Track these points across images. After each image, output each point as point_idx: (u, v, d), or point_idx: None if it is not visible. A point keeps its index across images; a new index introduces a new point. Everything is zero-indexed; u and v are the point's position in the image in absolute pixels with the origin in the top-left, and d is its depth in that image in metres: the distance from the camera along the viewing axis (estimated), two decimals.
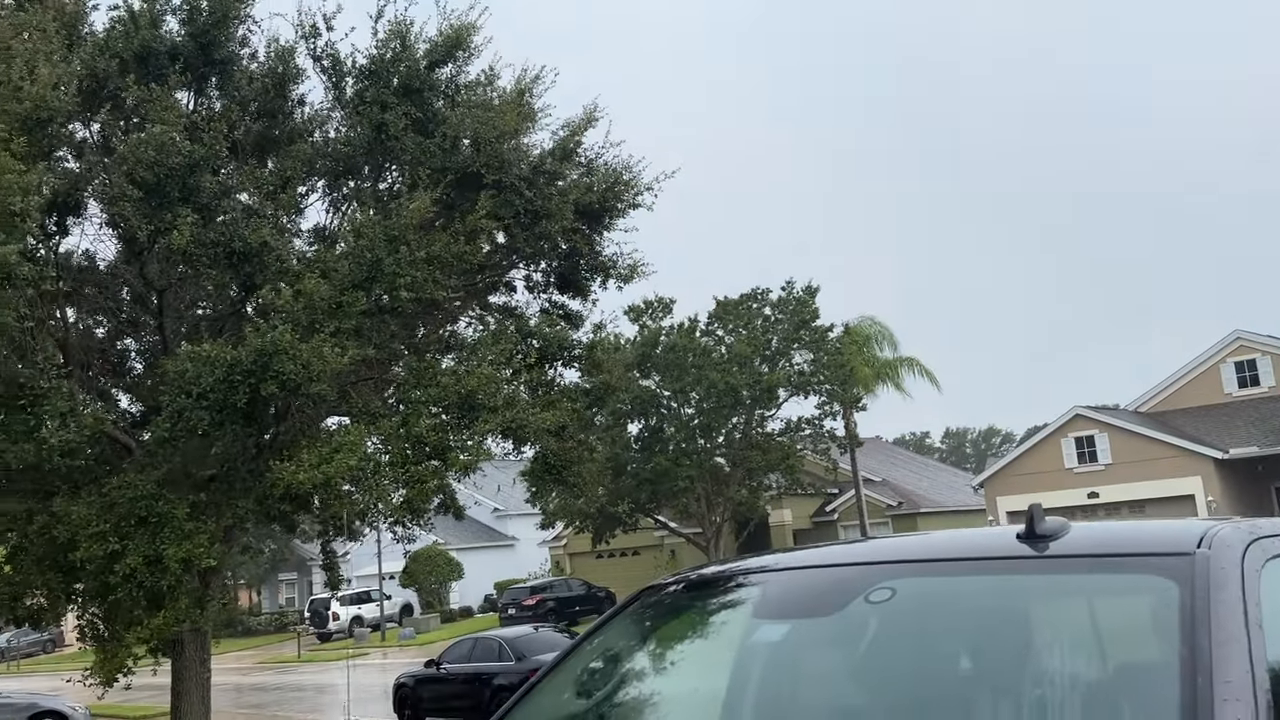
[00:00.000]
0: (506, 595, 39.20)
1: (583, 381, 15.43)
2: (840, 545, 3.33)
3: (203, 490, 12.00)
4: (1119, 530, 2.98)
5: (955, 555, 2.91)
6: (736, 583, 3.23)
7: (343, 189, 14.43)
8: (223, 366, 10.17)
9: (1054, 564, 2.63)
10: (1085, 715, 2.17)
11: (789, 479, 34.84)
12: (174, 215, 10.73)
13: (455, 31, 13.74)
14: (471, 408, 11.37)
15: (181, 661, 13.66)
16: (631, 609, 3.27)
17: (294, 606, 55.45)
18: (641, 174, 15.13)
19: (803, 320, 32.35)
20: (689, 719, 2.92)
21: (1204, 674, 2.08)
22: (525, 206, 13.55)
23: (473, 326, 15.45)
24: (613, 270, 15.57)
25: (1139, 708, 2.14)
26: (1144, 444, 32.34)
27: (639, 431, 32.85)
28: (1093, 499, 32.55)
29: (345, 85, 13.58)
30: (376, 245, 11.36)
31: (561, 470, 14.35)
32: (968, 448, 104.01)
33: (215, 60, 12.93)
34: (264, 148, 13.63)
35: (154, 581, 10.63)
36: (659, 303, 32.14)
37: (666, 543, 41.15)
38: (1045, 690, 2.25)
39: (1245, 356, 34.25)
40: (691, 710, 2.97)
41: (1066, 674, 2.31)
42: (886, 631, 2.69)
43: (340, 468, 10.19)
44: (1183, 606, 2.25)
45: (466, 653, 19.45)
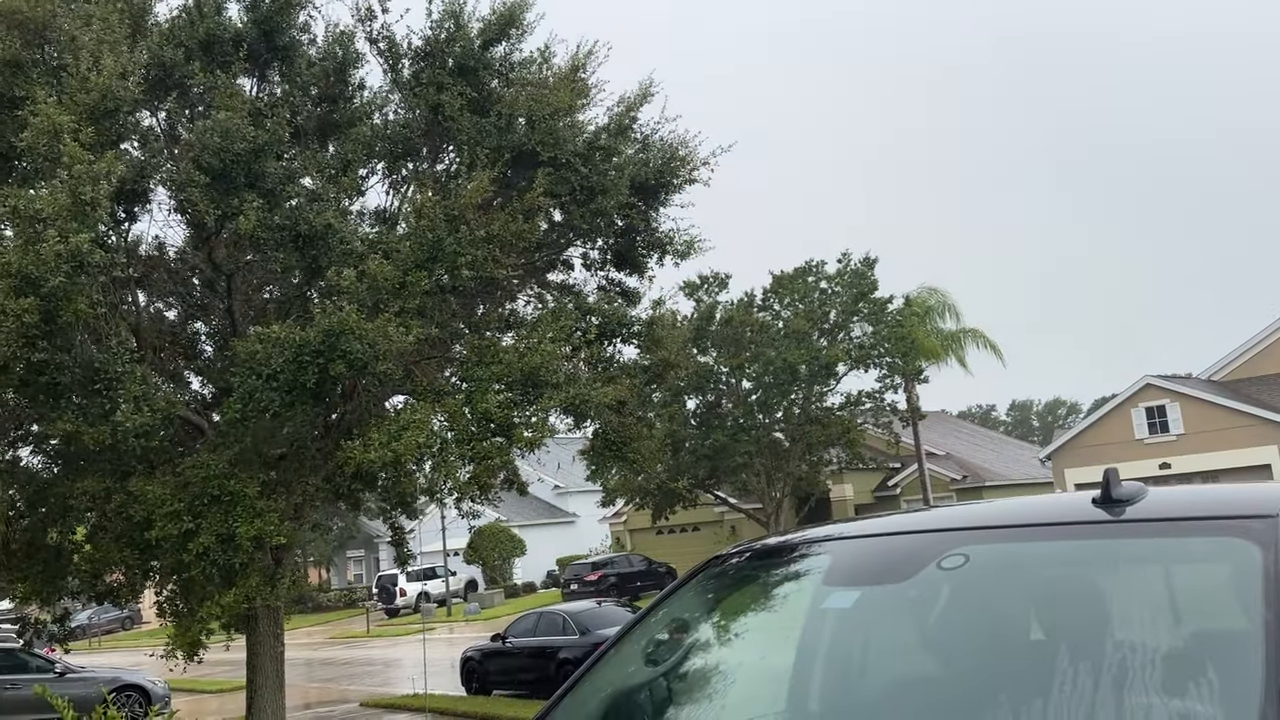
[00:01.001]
0: (568, 571, 39.61)
1: (641, 358, 15.45)
2: (910, 514, 3.29)
3: (273, 469, 12.29)
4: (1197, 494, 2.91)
5: (1030, 521, 2.87)
6: (803, 551, 3.22)
7: (402, 170, 14.57)
8: (292, 347, 10.38)
9: (1131, 528, 2.59)
10: (1167, 681, 2.13)
11: (849, 453, 34.58)
12: (240, 200, 10.94)
13: (508, 9, 13.75)
14: (535, 384, 11.46)
15: (256, 636, 14.04)
16: (697, 579, 3.28)
17: (362, 583, 56.64)
18: (698, 149, 15.04)
19: (861, 292, 31.96)
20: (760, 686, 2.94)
21: None
22: (581, 183, 13.55)
23: (531, 304, 15.54)
24: (669, 246, 15.51)
25: (1223, 673, 2.10)
26: (1217, 413, 31.52)
27: (696, 407, 32.83)
28: (1164, 470, 31.84)
29: (402, 67, 13.69)
30: (437, 225, 11.47)
31: (621, 447, 14.41)
32: (1034, 420, 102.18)
33: (277, 46, 13.11)
34: (325, 132, 13.81)
35: (227, 559, 10.93)
36: (714, 278, 32.00)
37: (726, 519, 41.17)
38: (1125, 656, 2.22)
39: None
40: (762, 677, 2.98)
41: (1146, 640, 2.27)
42: (960, 598, 2.66)
43: (409, 445, 10.36)
44: (1266, 570, 2.21)
45: (531, 627, 19.73)
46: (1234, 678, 2.07)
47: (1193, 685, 2.12)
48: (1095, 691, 2.15)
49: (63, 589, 14.19)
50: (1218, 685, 2.08)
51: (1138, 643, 2.27)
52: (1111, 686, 2.16)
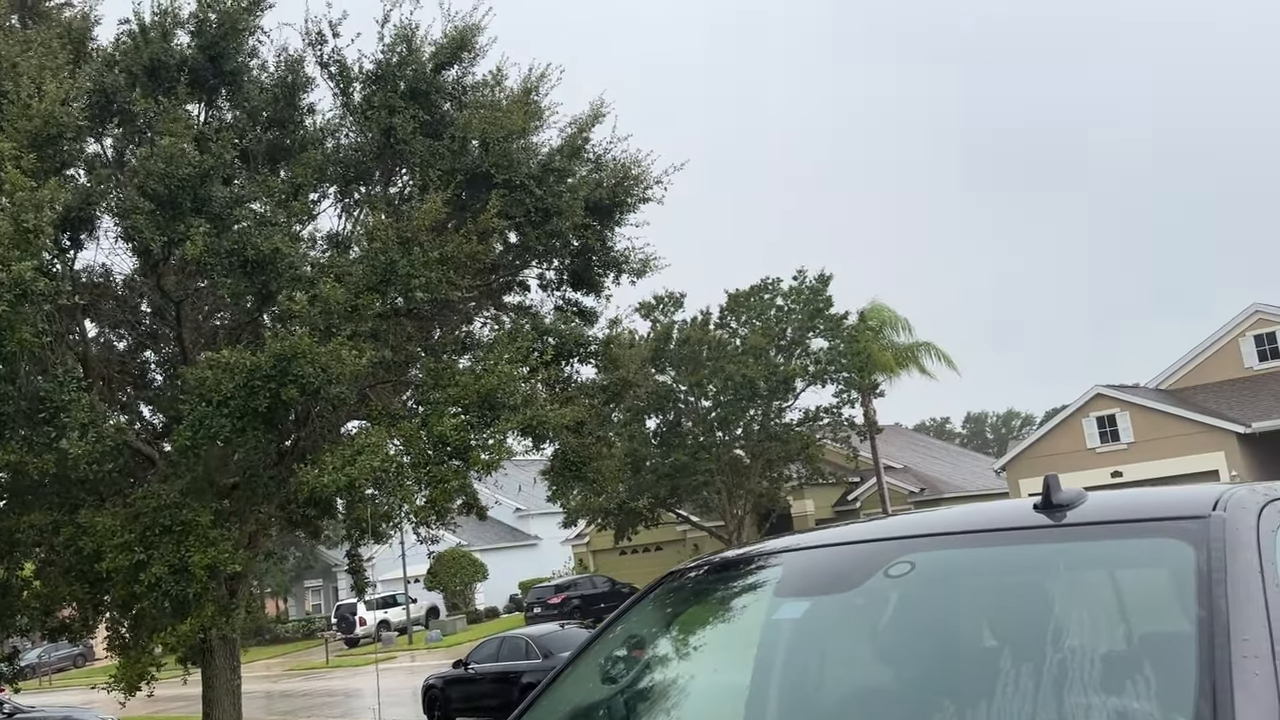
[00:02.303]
0: (531, 594, 39.34)
1: (599, 378, 15.47)
2: (860, 523, 3.34)
3: (226, 497, 12.11)
4: (1135, 497, 2.98)
5: (973, 528, 2.92)
6: (757, 564, 3.24)
7: (354, 194, 14.51)
8: (242, 373, 10.26)
9: (1071, 532, 2.64)
10: (1107, 681, 2.18)
11: (809, 469, 34.78)
12: (187, 226, 10.82)
13: (460, 33, 13.78)
14: (491, 406, 11.43)
15: (212, 669, 13.78)
16: (655, 594, 3.30)
17: (321, 613, 55.79)
18: (650, 168, 15.15)
19: (816, 309, 32.28)
20: (716, 699, 2.95)
21: (1222, 634, 2.09)
22: (535, 205, 13.58)
23: (488, 326, 15.51)
24: (625, 265, 15.59)
25: (1160, 672, 2.15)
26: (1166, 421, 32.13)
27: (657, 427, 32.88)
28: (1116, 478, 32.37)
29: (353, 91, 13.65)
30: (390, 248, 11.43)
31: (581, 467, 14.39)
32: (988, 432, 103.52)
33: (225, 72, 13.02)
34: (275, 156, 13.72)
35: (180, 590, 10.74)
36: (670, 298, 32.16)
37: (689, 537, 41.17)
38: (1066, 657, 2.26)
39: (1264, 329, 33.97)
40: (719, 690, 2.99)
41: (1087, 640, 2.32)
42: (907, 605, 2.71)
43: (363, 469, 10.27)
44: (1199, 569, 2.26)
45: (493, 652, 19.55)
46: (1170, 676, 2.12)
47: (1131, 684, 2.17)
48: (1037, 693, 2.19)
49: (11, 627, 13.83)
50: (1155, 684, 2.13)
51: (1078, 644, 2.32)
52: (1052, 688, 2.20)
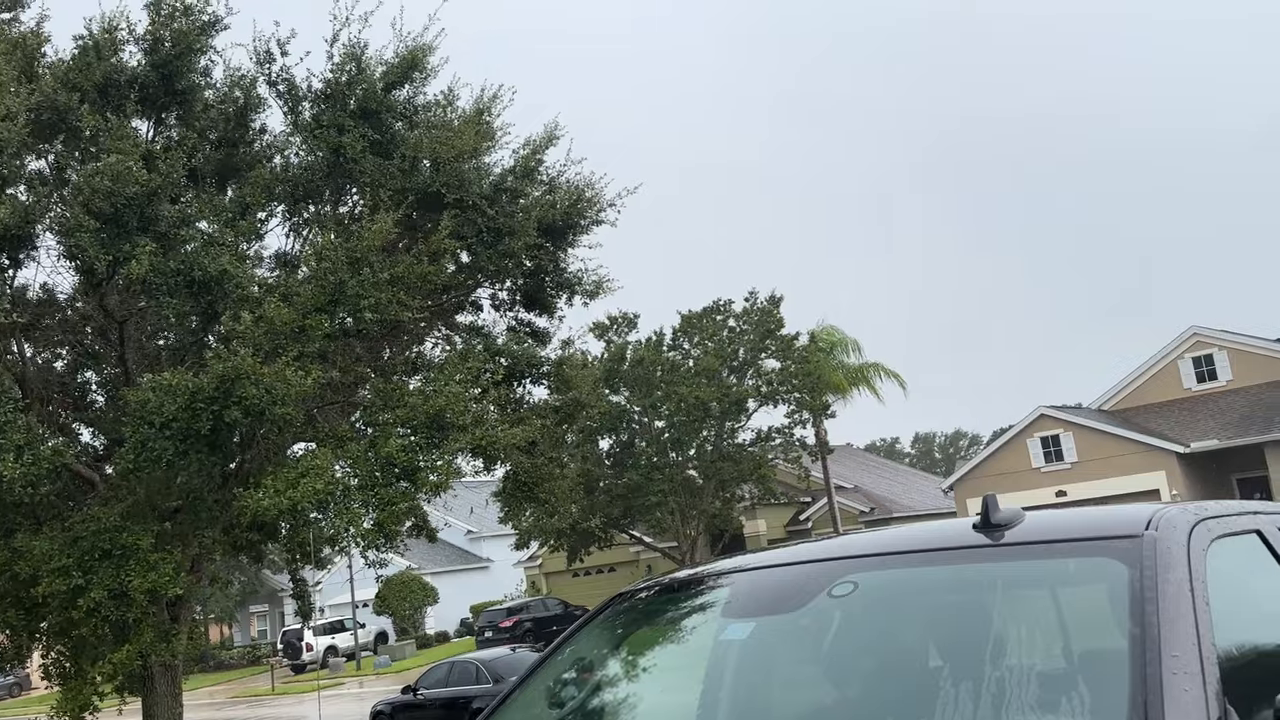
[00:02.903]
0: (482, 618, 38.93)
1: (551, 399, 15.43)
2: (805, 544, 3.37)
3: (168, 521, 11.85)
4: (1071, 517, 3.05)
5: (914, 548, 2.97)
6: (706, 585, 3.26)
7: (303, 213, 14.38)
8: (185, 394, 10.08)
9: (1009, 551, 2.69)
10: (1043, 698, 2.22)
11: (761, 489, 34.93)
12: (132, 245, 10.64)
13: (411, 53, 13.76)
14: (440, 427, 11.34)
15: (152, 698, 13.43)
16: (603, 616, 3.30)
17: (266, 639, 54.70)
18: (604, 190, 15.22)
19: (768, 330, 32.55)
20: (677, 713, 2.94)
21: (1153, 650, 2.14)
22: (488, 225, 13.56)
23: (439, 347, 15.42)
24: (578, 287, 15.61)
25: (1094, 686, 2.19)
26: (1108, 441, 32.81)
27: (610, 447, 32.85)
28: (1060, 497, 32.93)
29: (302, 109, 13.55)
30: (338, 268, 11.33)
31: (533, 487, 14.32)
32: (936, 452, 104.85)
33: (176, 90, 12.86)
34: (224, 175, 13.56)
35: (119, 615, 10.48)
36: (623, 318, 32.24)
37: (642, 558, 41.08)
38: (1004, 675, 2.30)
39: (1202, 352, 34.86)
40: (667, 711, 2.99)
41: (1024, 658, 2.36)
42: (850, 624, 2.74)
43: (307, 492, 10.12)
44: (1132, 587, 2.31)
45: (443, 677, 19.30)
46: (1104, 692, 2.16)
47: (1066, 701, 2.21)
48: (975, 710, 2.22)
49: None
50: (1089, 700, 2.17)
51: (1016, 662, 2.36)
52: (991, 706, 2.23)
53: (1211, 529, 2.65)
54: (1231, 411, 32.90)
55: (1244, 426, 31.87)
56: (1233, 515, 2.89)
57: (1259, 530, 2.96)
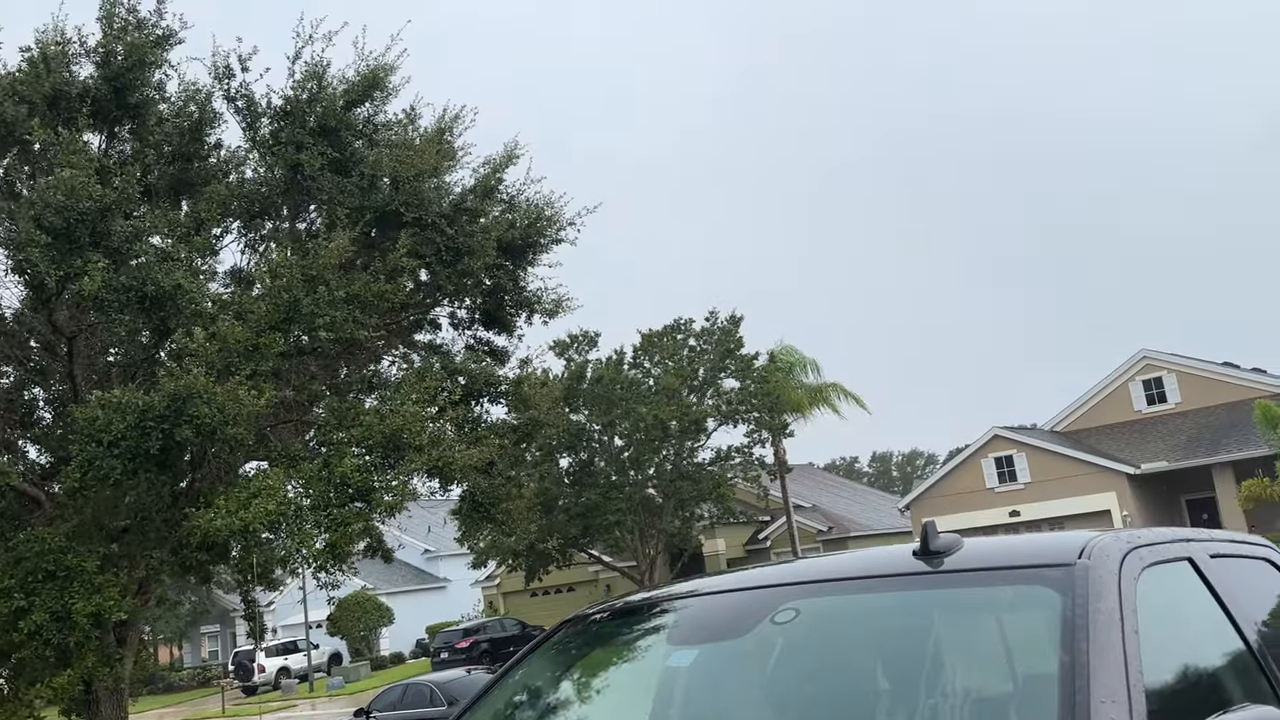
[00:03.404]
0: (438, 639, 38.53)
1: (510, 418, 15.39)
2: (752, 569, 3.41)
3: (115, 541, 11.63)
4: (1008, 544, 3.12)
5: (855, 574, 3.03)
6: (655, 610, 3.29)
7: (259, 230, 14.25)
8: (134, 412, 9.92)
9: (947, 579, 2.75)
10: None
11: (720, 508, 35.02)
12: (84, 260, 10.47)
13: (372, 72, 13.74)
14: (396, 447, 11.26)
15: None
16: (554, 640, 3.32)
17: (217, 660, 53.68)
18: (563, 210, 15.26)
19: (728, 350, 32.72)
20: None
21: (1082, 678, 2.19)
22: (447, 244, 13.53)
23: (397, 365, 15.32)
24: (537, 306, 15.62)
25: (1024, 713, 2.24)
26: (1060, 462, 33.31)
27: (569, 466, 32.78)
28: (1014, 517, 33.36)
29: (260, 126, 13.46)
30: (294, 286, 11.23)
31: (490, 508, 14.25)
32: (894, 471, 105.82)
33: (129, 104, 12.72)
34: (179, 190, 13.41)
35: (61, 638, 10.25)
36: (584, 337, 32.25)
37: (601, 578, 40.93)
38: (937, 700, 2.34)
39: (1152, 375, 35.56)
40: None
41: (958, 683, 2.41)
42: (792, 651, 2.78)
43: (258, 513, 9.99)
44: (1064, 615, 2.37)
45: (397, 700, 19.06)
46: (1033, 716, 2.21)
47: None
48: None
49: None
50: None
51: (951, 688, 2.41)
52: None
53: (1143, 557, 2.72)
54: (1180, 434, 33.59)
55: (1192, 448, 32.54)
56: (1164, 543, 2.97)
57: (1190, 558, 3.05)
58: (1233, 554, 3.48)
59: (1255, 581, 3.53)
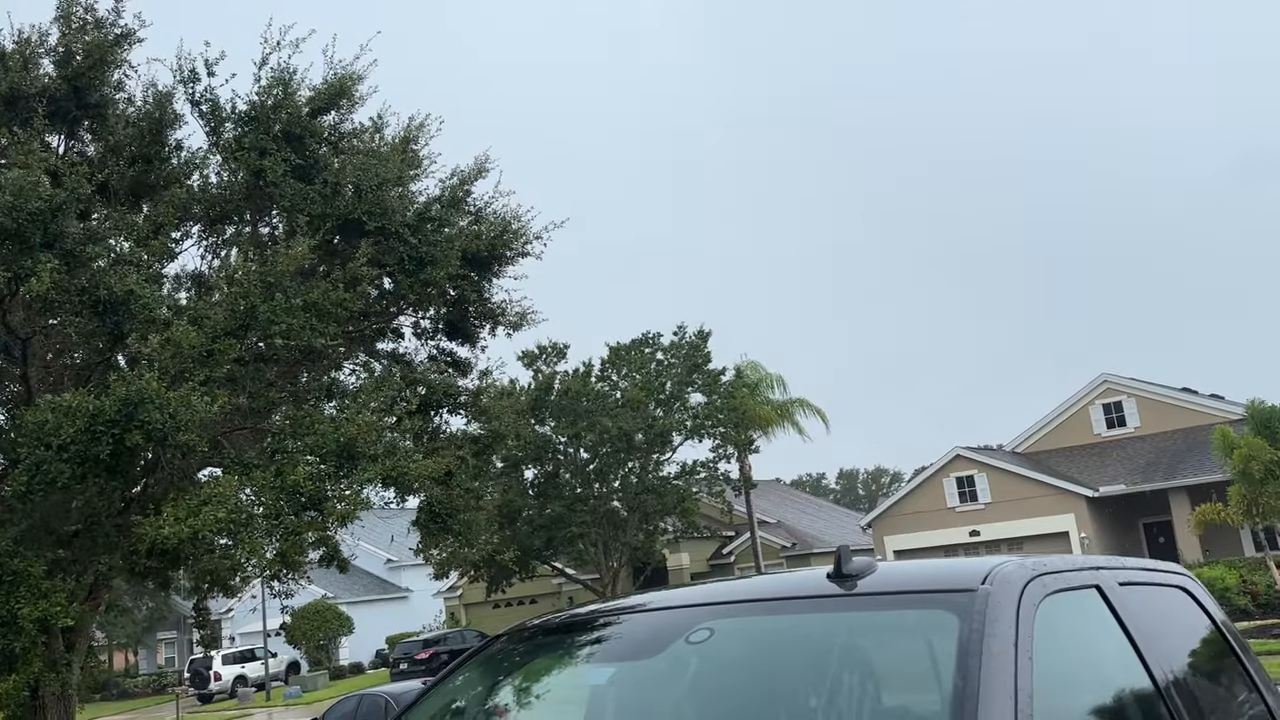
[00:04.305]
0: (398, 649, 38.23)
1: (469, 429, 15.36)
2: (674, 589, 3.48)
3: (65, 546, 11.48)
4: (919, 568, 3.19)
5: (769, 596, 3.09)
6: (582, 627, 3.34)
7: (221, 234, 14.16)
8: (84, 417, 9.81)
9: (857, 601, 2.82)
10: None
11: (685, 522, 35.05)
12: (34, 262, 10.37)
13: (339, 80, 13.72)
14: (351, 456, 11.21)
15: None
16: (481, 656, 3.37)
17: (174, 667, 52.92)
18: (530, 223, 15.28)
19: (695, 364, 32.82)
20: None
21: (971, 702, 2.25)
22: (409, 253, 13.51)
23: (357, 373, 15.25)
24: (501, 318, 15.62)
25: None
26: (1020, 483, 33.64)
27: (534, 478, 32.69)
28: (974, 537, 33.64)
29: (224, 130, 13.39)
30: (251, 292, 11.18)
31: (447, 518, 14.20)
32: (860, 488, 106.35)
33: (88, 104, 12.61)
34: (138, 193, 13.30)
35: (6, 644, 10.10)
36: (553, 348, 32.23)
37: (564, 590, 40.80)
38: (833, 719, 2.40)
39: (1112, 399, 36.03)
40: None
41: (855, 704, 2.47)
42: (704, 670, 2.83)
43: (208, 521, 9.90)
44: (960, 638, 2.43)
45: (351, 710, 18.81)
46: None
47: None
48: None
49: None
50: None
51: (847, 708, 2.46)
52: None
53: (1047, 584, 2.79)
54: (1139, 457, 34.05)
55: (1150, 472, 32.99)
56: (1072, 571, 3.05)
57: (1098, 585, 3.13)
58: (1145, 582, 3.57)
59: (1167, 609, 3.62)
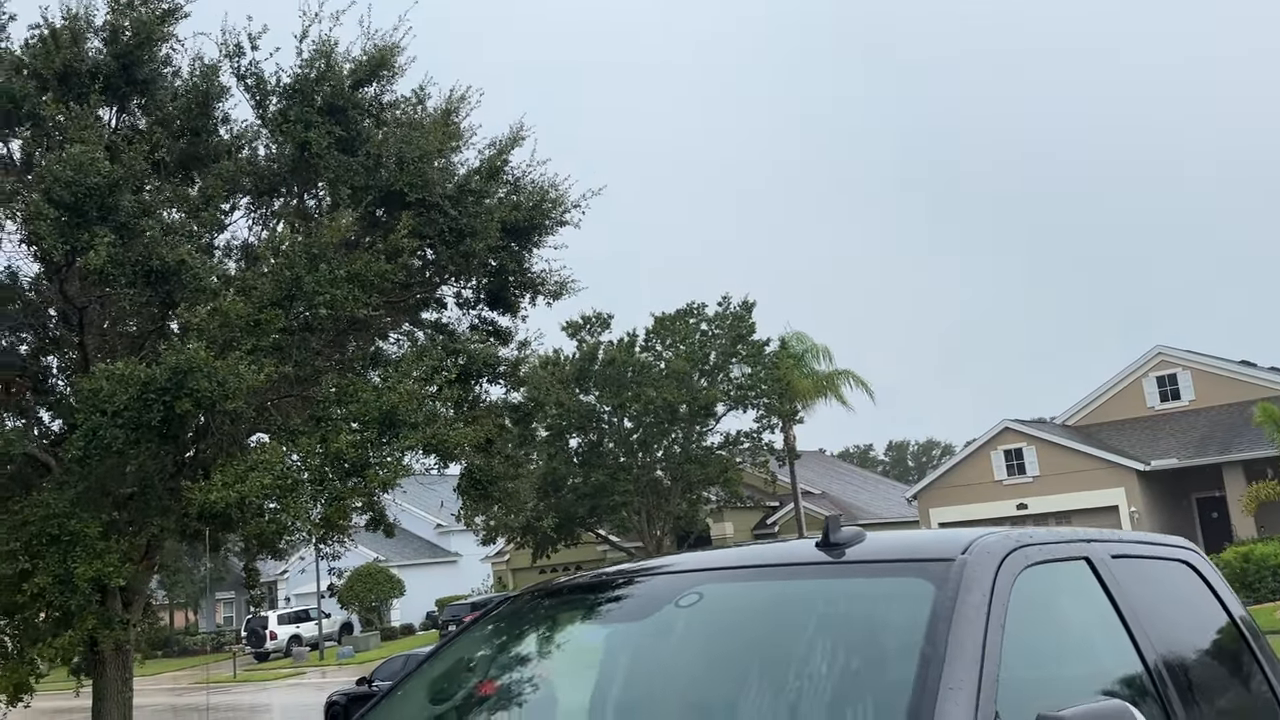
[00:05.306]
0: (446, 611, 39.06)
1: (508, 397, 15.59)
2: (670, 556, 3.62)
3: (120, 509, 11.95)
4: (907, 538, 3.28)
5: (759, 562, 3.22)
6: (582, 591, 3.51)
7: (269, 206, 14.46)
8: (136, 385, 10.17)
9: (844, 569, 2.93)
10: (836, 702, 2.44)
11: (728, 492, 35.19)
12: (90, 235, 10.72)
13: (379, 52, 13.87)
14: (392, 424, 11.48)
15: (103, 681, 13.51)
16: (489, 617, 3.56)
17: (232, 626, 54.62)
18: (568, 191, 15.35)
19: (739, 335, 32.79)
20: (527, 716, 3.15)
21: (936, 666, 2.36)
22: (450, 225, 13.68)
23: (401, 342, 15.52)
24: (541, 287, 15.75)
25: (882, 695, 2.40)
26: (1070, 456, 33.23)
27: (579, 446, 33.01)
28: (1021, 510, 33.35)
29: (269, 104, 13.63)
30: (297, 263, 11.45)
31: (488, 486, 14.47)
32: (909, 460, 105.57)
33: (137, 80, 12.91)
34: (188, 165, 13.61)
35: (63, 601, 10.59)
36: (597, 318, 32.38)
37: (609, 557, 41.27)
38: (805, 681, 2.51)
39: (1166, 371, 35.34)
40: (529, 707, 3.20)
41: (832, 666, 2.58)
42: (690, 632, 2.97)
43: (254, 486, 10.25)
44: (934, 606, 2.53)
45: (398, 669, 19.43)
46: (886, 697, 2.38)
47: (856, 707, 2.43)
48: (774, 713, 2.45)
49: None
50: (873, 707, 2.39)
51: (824, 670, 2.58)
52: (787, 708, 2.46)
53: (1030, 555, 2.87)
54: (1192, 431, 33.41)
55: (1203, 447, 32.37)
56: (1059, 543, 3.11)
57: (1087, 557, 3.19)
58: (1142, 555, 3.61)
59: (1164, 582, 3.67)
